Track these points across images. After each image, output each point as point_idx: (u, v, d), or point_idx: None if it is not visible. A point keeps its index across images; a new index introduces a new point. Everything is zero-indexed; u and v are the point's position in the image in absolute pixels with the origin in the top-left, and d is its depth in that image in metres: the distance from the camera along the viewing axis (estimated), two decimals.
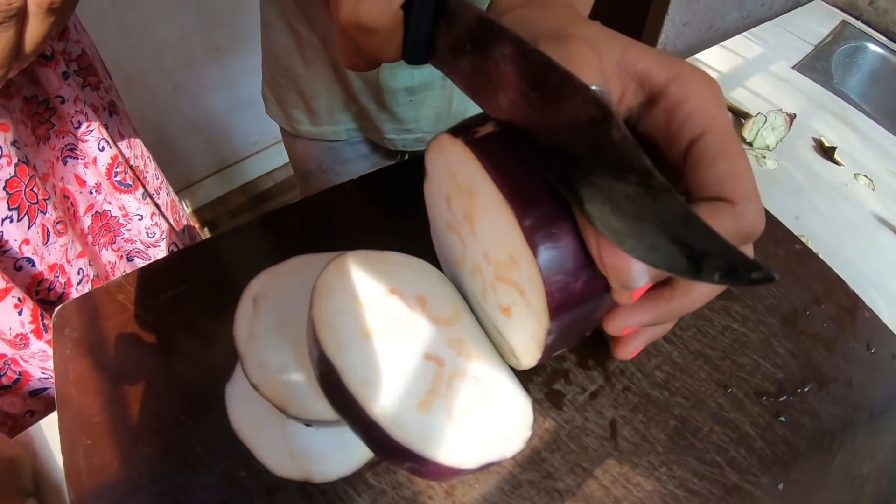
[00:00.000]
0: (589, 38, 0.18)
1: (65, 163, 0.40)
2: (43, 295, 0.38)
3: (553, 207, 0.18)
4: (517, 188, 0.18)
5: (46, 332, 0.36)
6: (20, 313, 0.34)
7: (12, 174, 0.33)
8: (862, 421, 0.29)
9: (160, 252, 0.48)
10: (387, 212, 0.34)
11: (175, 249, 0.49)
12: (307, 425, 0.24)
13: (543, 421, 0.27)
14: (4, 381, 0.37)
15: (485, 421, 0.21)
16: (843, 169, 0.54)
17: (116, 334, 0.28)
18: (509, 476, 0.25)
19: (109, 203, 0.44)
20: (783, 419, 0.29)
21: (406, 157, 0.58)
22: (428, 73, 0.46)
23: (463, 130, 0.20)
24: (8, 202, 0.33)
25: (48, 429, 0.30)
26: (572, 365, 0.29)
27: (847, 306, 0.35)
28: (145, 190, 0.46)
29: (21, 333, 0.35)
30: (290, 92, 0.51)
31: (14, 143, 0.33)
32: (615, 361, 0.29)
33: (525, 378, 0.28)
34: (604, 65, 0.18)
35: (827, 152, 0.55)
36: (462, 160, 0.20)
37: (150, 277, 0.31)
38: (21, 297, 0.34)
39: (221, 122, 1.16)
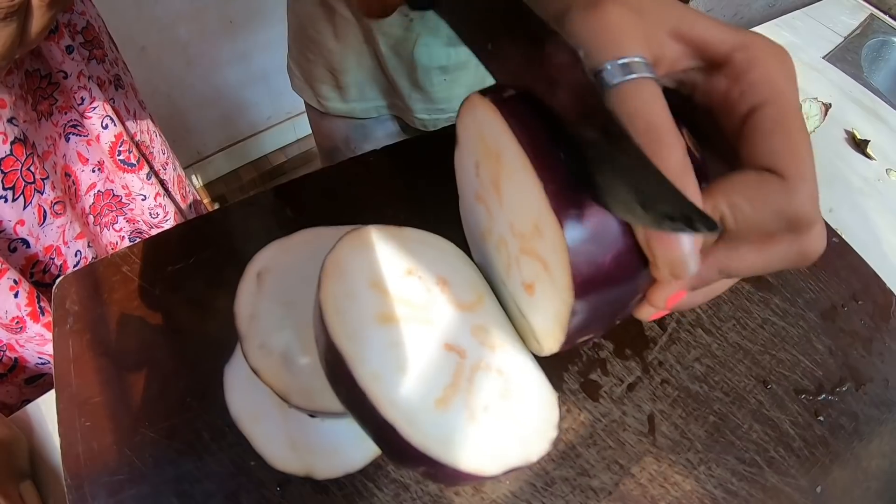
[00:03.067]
0: (634, 5, 0.17)
1: (67, 139, 0.38)
2: (38, 277, 0.36)
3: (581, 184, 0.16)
4: (543, 150, 0.16)
5: (43, 314, 0.34)
6: (16, 295, 0.33)
7: (8, 152, 0.31)
8: None
9: None
10: (411, 185, 0.32)
11: None
12: (311, 416, 0.22)
13: (579, 413, 0.25)
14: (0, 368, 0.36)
15: (508, 420, 0.19)
16: (875, 163, 0.53)
17: (120, 308, 0.27)
18: (542, 472, 0.23)
19: (112, 182, 0.42)
20: (821, 419, 0.27)
21: None
22: (464, 51, 0.44)
23: (493, 90, 0.18)
24: (3, 181, 0.31)
25: (46, 407, 0.28)
26: (609, 354, 0.27)
27: (883, 304, 0.34)
28: (151, 169, 0.44)
29: (17, 316, 0.33)
30: (318, 67, 0.49)
31: (11, 121, 0.31)
32: (653, 352, 0.28)
33: (560, 367, 0.26)
34: (652, 32, 0.17)
35: (859, 145, 0.53)
36: (490, 121, 0.18)
37: (158, 249, 0.29)
38: (17, 279, 0.33)
39: (234, 96, 1.14)
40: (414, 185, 0.32)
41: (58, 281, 0.27)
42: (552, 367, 0.22)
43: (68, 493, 0.22)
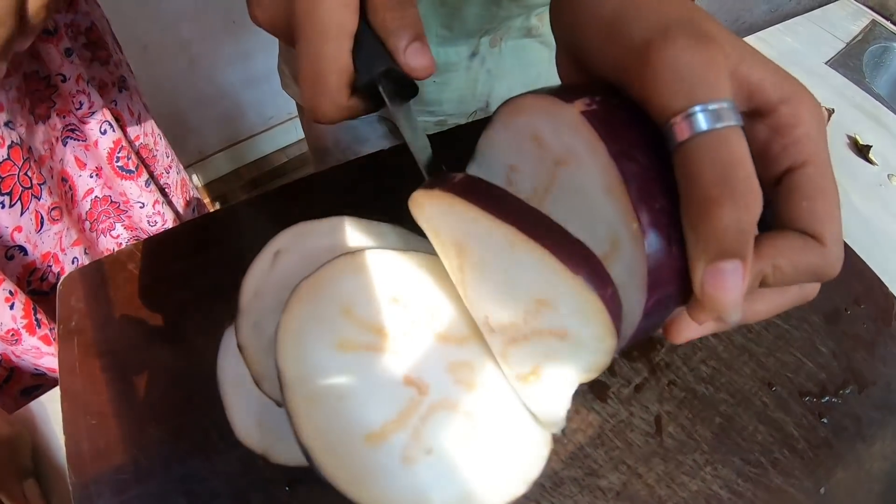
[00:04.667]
0: (719, 41, 0.16)
1: (65, 143, 0.37)
2: (35, 286, 0.35)
3: (670, 203, 0.16)
4: (640, 175, 0.16)
5: (39, 327, 0.34)
6: (11, 307, 0.32)
7: (5, 157, 0.31)
8: None
9: None
10: (417, 185, 0.32)
11: None
12: (278, 406, 0.21)
13: (587, 414, 0.25)
14: None
15: (464, 464, 0.18)
16: (876, 169, 0.53)
17: (125, 306, 0.26)
18: (551, 472, 0.23)
19: (110, 188, 0.41)
20: (825, 421, 0.28)
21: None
22: (454, 52, 0.44)
23: (437, 182, 0.18)
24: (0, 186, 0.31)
25: (49, 405, 0.28)
26: (616, 356, 0.27)
27: (886, 307, 0.34)
28: (150, 175, 0.43)
29: (13, 329, 0.33)
30: None
31: (7, 124, 0.31)
32: (660, 353, 0.28)
33: None
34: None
35: (861, 150, 0.54)
36: (446, 212, 0.17)
37: (163, 247, 0.28)
38: (13, 290, 0.32)
39: (236, 95, 1.14)
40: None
41: (62, 278, 0.27)
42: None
43: (73, 492, 0.22)
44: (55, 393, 0.27)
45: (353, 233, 0.24)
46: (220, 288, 0.27)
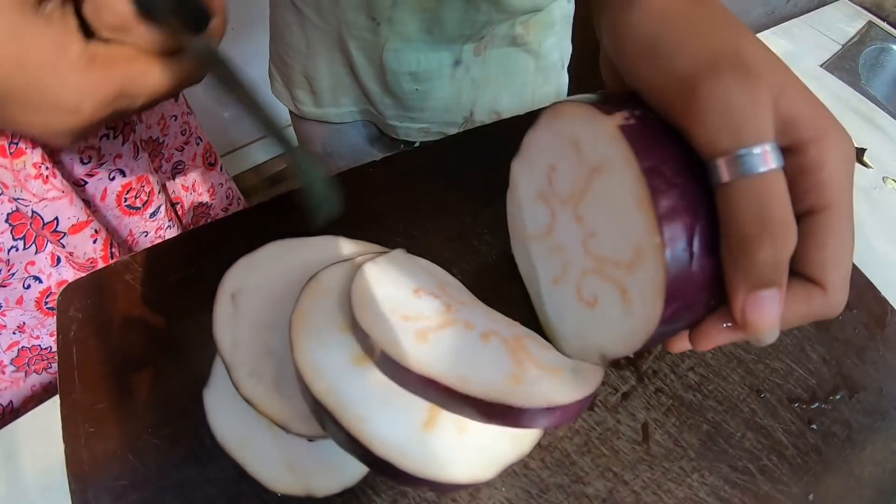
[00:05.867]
0: (764, 74, 0.16)
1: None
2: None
3: (694, 220, 0.17)
4: (668, 192, 0.16)
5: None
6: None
7: None
8: (893, 432, 0.28)
9: None
10: (414, 195, 0.33)
11: None
12: (310, 440, 0.22)
13: (574, 422, 0.25)
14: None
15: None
16: (871, 172, 0.53)
17: (123, 316, 0.27)
18: (537, 479, 0.23)
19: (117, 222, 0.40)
20: (814, 427, 0.28)
21: (417, 144, 0.57)
22: (435, 59, 0.44)
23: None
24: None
25: (49, 413, 0.28)
26: (629, 356, 0.28)
27: (878, 313, 0.34)
28: (159, 206, 0.41)
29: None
30: (295, 72, 0.50)
31: None
32: (647, 361, 0.28)
33: None
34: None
35: (856, 153, 0.54)
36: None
37: (160, 257, 0.29)
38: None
39: None
40: (416, 196, 0.33)
41: (61, 289, 0.28)
42: None
43: (72, 498, 0.22)
44: (54, 402, 0.27)
45: (291, 254, 0.24)
46: (215, 298, 0.27)
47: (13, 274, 0.32)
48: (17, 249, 0.31)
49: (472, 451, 0.19)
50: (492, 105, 0.49)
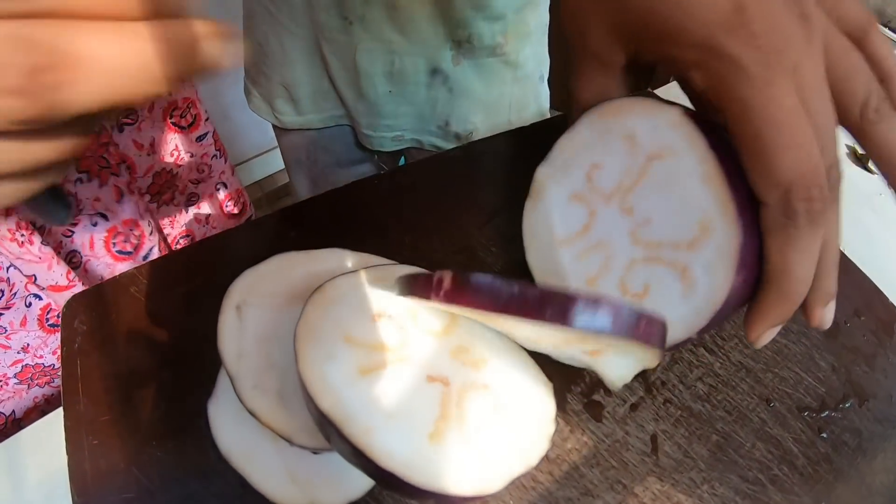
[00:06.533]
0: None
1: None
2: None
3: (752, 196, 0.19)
4: (732, 164, 0.18)
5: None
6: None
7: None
8: None
9: None
10: (416, 207, 0.33)
11: None
12: (314, 453, 0.22)
13: (582, 434, 0.25)
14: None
15: (504, 431, 0.20)
16: (876, 178, 0.53)
17: (127, 329, 0.27)
18: (546, 493, 0.23)
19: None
20: (825, 436, 0.27)
21: (403, 158, 0.57)
22: (410, 63, 0.44)
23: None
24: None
25: (53, 425, 0.28)
26: (694, 340, 0.27)
27: (886, 320, 0.34)
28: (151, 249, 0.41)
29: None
30: (273, 83, 0.50)
31: None
32: (656, 372, 0.28)
33: (563, 388, 0.26)
34: None
35: (860, 160, 0.54)
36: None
37: (165, 270, 0.29)
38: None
39: (239, 116, 1.15)
40: (421, 209, 0.33)
41: (66, 301, 0.28)
42: (555, 388, 0.22)
43: None
44: (58, 414, 0.27)
45: (297, 266, 0.24)
46: (221, 311, 0.27)
47: (15, 294, 0.32)
48: (14, 267, 0.31)
49: (480, 463, 0.18)
50: (468, 115, 0.48)
